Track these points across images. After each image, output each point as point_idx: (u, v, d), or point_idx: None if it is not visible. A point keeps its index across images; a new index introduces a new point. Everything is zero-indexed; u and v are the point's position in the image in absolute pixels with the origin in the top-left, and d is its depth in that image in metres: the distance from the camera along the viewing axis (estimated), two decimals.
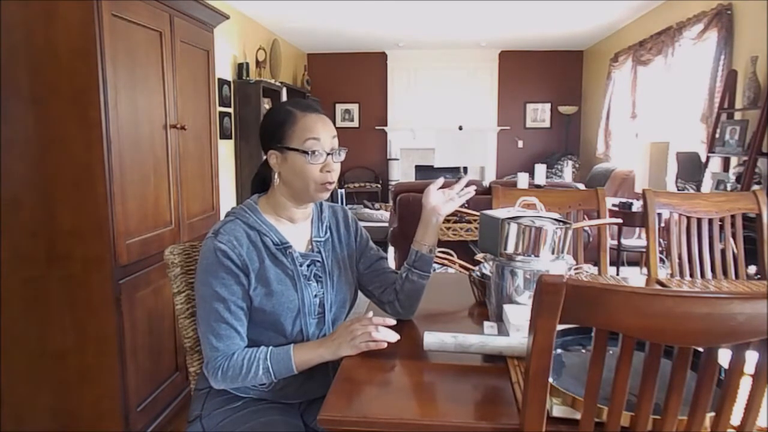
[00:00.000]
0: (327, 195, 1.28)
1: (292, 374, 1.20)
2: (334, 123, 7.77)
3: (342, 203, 7.39)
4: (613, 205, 4.19)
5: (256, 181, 1.36)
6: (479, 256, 1.49)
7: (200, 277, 1.22)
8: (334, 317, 1.33)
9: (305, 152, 1.21)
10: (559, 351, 1.06)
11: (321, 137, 1.23)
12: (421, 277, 1.34)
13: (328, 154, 1.24)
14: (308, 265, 1.29)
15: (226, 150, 5.09)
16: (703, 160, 4.15)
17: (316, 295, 1.29)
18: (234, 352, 1.19)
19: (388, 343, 1.16)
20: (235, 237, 1.21)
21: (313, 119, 1.24)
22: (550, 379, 0.88)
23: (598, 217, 2.03)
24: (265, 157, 1.29)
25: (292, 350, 1.19)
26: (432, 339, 1.13)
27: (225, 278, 1.19)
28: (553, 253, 1.25)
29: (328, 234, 1.36)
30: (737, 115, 3.88)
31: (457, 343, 1.12)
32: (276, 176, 1.26)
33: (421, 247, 1.33)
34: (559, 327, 0.73)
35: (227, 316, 1.19)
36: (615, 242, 4.10)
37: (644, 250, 2.23)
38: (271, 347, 1.21)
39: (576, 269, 1.71)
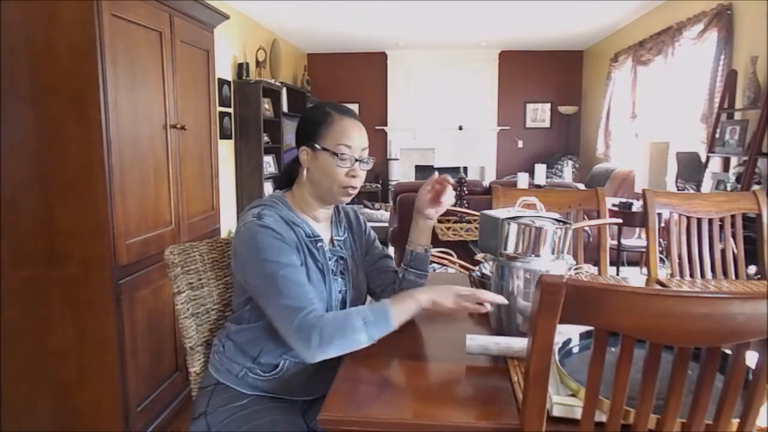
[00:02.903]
0: (348, 199, 1.31)
1: (390, 331, 1.12)
2: None
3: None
4: (613, 205, 4.19)
5: (285, 175, 1.39)
6: (479, 256, 1.49)
7: (252, 257, 1.18)
8: None
9: (335, 154, 1.25)
10: (578, 350, 1.06)
11: (353, 144, 1.27)
12: (419, 276, 1.37)
13: (357, 160, 1.27)
14: (335, 261, 1.32)
15: (226, 150, 5.09)
16: (703, 160, 4.15)
17: (340, 291, 1.31)
18: (321, 312, 1.13)
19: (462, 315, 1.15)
20: (275, 220, 1.22)
21: (349, 124, 1.28)
22: (573, 382, 0.88)
23: (598, 217, 2.03)
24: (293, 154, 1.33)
25: (387, 302, 1.15)
26: (473, 343, 1.12)
27: (280, 248, 1.17)
28: (553, 253, 1.25)
29: (346, 234, 1.40)
30: (737, 115, 3.88)
31: (501, 350, 1.12)
32: (304, 172, 1.29)
33: (416, 247, 1.39)
34: (584, 328, 0.72)
35: (297, 277, 1.15)
36: (615, 242, 4.10)
37: (644, 250, 2.23)
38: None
39: (576, 269, 1.71)
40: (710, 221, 2.00)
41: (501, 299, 1.18)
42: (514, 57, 8.00)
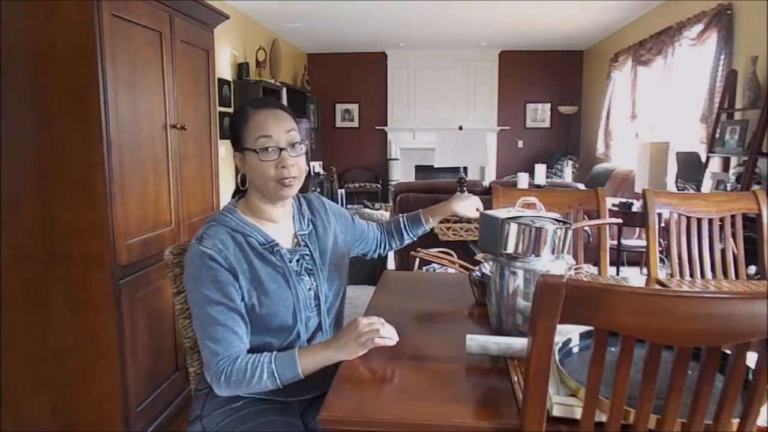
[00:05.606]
0: (290, 192, 1.26)
1: (298, 379, 1.16)
2: (334, 123, 7.71)
3: (342, 203, 7.40)
4: (613, 205, 4.19)
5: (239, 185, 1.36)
6: (479, 256, 1.49)
7: (189, 284, 1.21)
8: (329, 307, 1.34)
9: (257, 150, 1.21)
10: (578, 350, 1.06)
11: (272, 133, 1.22)
12: (410, 237, 1.62)
13: (281, 149, 1.22)
14: (297, 260, 1.30)
15: (226, 150, 5.09)
16: (703, 160, 4.15)
17: (309, 289, 1.30)
18: (237, 356, 1.17)
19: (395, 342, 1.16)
20: (220, 240, 1.20)
21: (264, 116, 1.24)
22: (573, 382, 0.88)
23: (598, 217, 2.03)
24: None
25: (297, 353, 1.16)
26: (473, 343, 1.12)
27: (215, 281, 1.18)
28: (553, 253, 1.25)
29: (311, 226, 1.37)
30: (737, 115, 3.88)
31: (501, 350, 1.11)
32: (248, 178, 1.27)
33: (427, 221, 1.59)
34: (584, 328, 0.72)
35: (222, 318, 1.17)
36: (615, 242, 4.10)
37: (644, 250, 2.23)
38: (275, 351, 1.19)
39: (576, 269, 1.71)
40: (710, 221, 2.00)
41: (396, 337, 1.15)
42: (514, 57, 8.00)
